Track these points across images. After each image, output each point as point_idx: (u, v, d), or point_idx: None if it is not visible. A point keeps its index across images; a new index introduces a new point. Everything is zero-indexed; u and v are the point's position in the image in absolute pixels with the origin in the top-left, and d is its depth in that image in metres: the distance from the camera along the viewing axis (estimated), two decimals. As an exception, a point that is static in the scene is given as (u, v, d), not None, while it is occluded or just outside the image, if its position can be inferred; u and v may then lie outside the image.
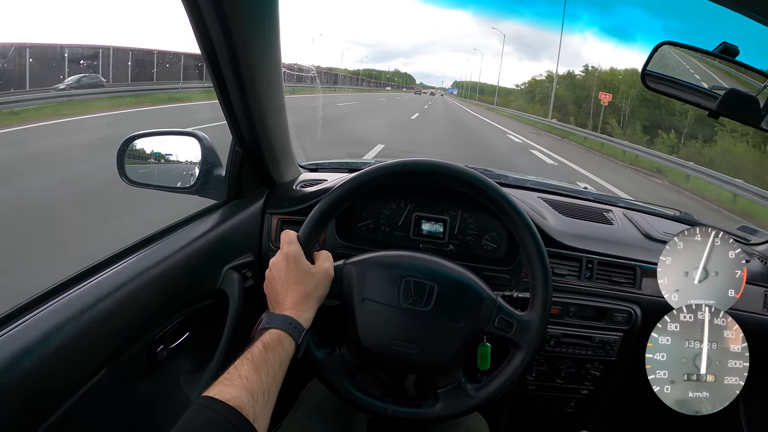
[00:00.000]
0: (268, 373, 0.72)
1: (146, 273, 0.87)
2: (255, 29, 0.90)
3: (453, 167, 0.95)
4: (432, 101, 39.66)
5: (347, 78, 49.54)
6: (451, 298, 0.92)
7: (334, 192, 0.94)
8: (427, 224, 1.23)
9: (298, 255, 0.87)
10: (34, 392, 0.66)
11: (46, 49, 8.39)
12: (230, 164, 1.13)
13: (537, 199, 1.38)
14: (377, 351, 0.93)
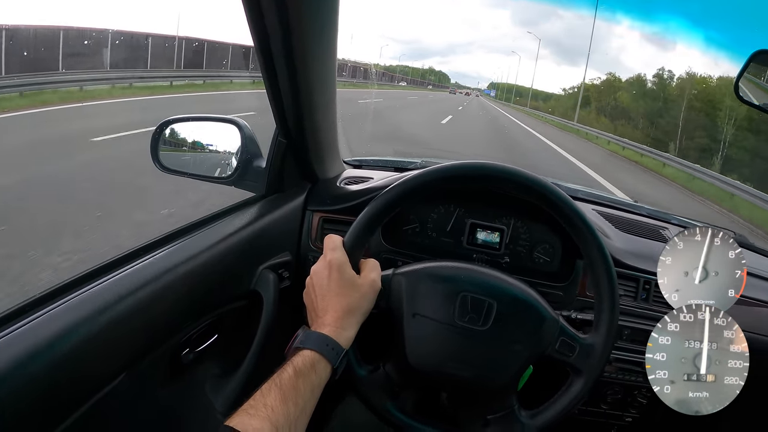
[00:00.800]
0: (297, 404, 0.66)
1: (174, 270, 0.80)
2: (313, 19, 0.85)
3: (522, 174, 0.87)
4: (467, 102, 38.21)
5: (379, 74, 47.49)
6: (511, 318, 0.84)
7: (387, 195, 0.86)
8: (483, 233, 1.14)
9: (343, 263, 0.80)
10: (40, 398, 0.59)
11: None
12: (272, 155, 1.06)
13: (592, 211, 1.29)
14: (426, 371, 0.85)
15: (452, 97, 44.86)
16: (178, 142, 1.11)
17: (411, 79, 67.86)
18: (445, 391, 0.95)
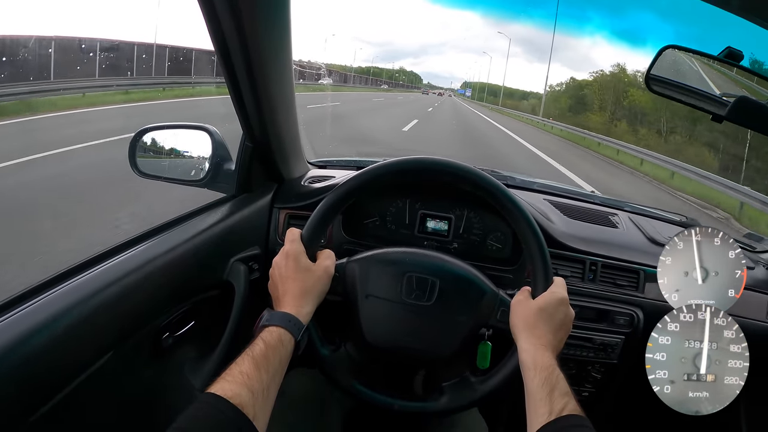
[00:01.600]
0: (269, 371, 0.73)
1: (154, 261, 0.89)
2: (267, 25, 0.92)
3: (457, 165, 0.96)
4: (439, 103, 35.63)
5: (337, 75, 42.29)
6: (454, 293, 0.93)
7: (337, 190, 0.95)
8: (432, 222, 1.24)
9: (299, 253, 0.89)
10: (37, 374, 0.68)
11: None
12: (240, 159, 1.15)
13: (543, 201, 1.38)
14: (382, 347, 0.94)
15: (423, 98, 41.64)
16: (154, 148, 1.18)
17: (382, 80, 63.06)
18: (401, 363, 1.03)
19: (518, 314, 0.89)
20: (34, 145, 5.26)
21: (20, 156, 4.83)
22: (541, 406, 0.73)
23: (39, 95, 7.87)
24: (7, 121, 6.80)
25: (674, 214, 1.49)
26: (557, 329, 0.86)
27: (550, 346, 0.83)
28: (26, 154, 4.87)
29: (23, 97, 7.53)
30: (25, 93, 7.59)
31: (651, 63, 1.01)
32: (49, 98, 8.04)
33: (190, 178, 1.18)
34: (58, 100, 8.27)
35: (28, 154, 4.88)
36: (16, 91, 7.46)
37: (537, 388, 0.76)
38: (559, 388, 0.75)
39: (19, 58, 7.25)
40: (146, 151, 1.18)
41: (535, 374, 0.77)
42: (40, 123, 7.01)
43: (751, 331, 0.94)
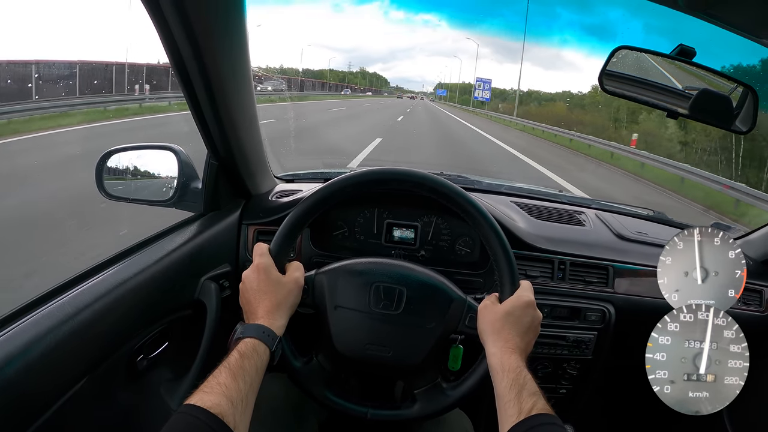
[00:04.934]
0: (246, 381, 0.74)
1: (124, 284, 0.89)
2: (222, 40, 0.92)
3: (415, 174, 0.98)
4: (411, 108, 30.53)
5: (284, 81, 34.21)
6: (421, 301, 0.95)
7: (302, 204, 0.96)
8: (399, 231, 1.26)
9: (269, 266, 0.90)
10: (15, 400, 0.68)
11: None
12: (206, 177, 1.15)
13: (509, 203, 1.41)
14: (352, 356, 0.95)
15: (393, 104, 35.94)
16: (121, 169, 1.18)
17: (345, 86, 56.25)
18: (372, 372, 1.04)
19: (485, 319, 0.90)
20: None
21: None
22: (510, 407, 0.75)
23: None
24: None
25: (642, 209, 1.52)
26: (524, 332, 0.88)
27: (518, 349, 0.85)
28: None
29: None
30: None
31: (604, 63, 1.02)
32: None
33: (158, 198, 1.18)
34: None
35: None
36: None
37: (505, 390, 0.77)
38: (527, 388, 0.77)
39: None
40: (113, 173, 1.17)
41: (503, 377, 0.79)
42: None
43: None
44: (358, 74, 63.70)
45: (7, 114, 7.45)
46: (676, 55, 1.00)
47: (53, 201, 4.26)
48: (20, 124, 7.38)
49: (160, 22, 0.84)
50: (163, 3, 0.80)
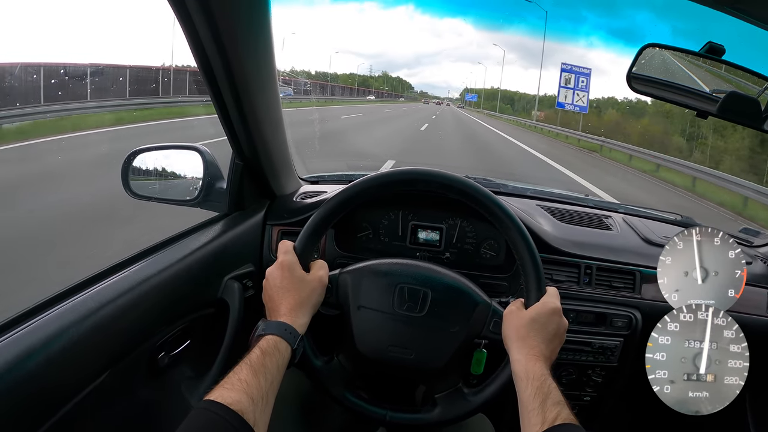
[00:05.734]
0: (267, 378, 0.74)
1: (148, 281, 0.90)
2: (249, 44, 0.93)
3: (443, 175, 0.97)
4: (437, 114, 27.70)
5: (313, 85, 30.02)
6: (445, 304, 0.94)
7: (328, 203, 0.96)
8: (424, 233, 1.25)
9: (293, 264, 0.90)
10: (36, 393, 0.69)
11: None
12: (231, 177, 1.16)
13: (536, 207, 1.39)
14: (373, 357, 0.95)
15: (415, 111, 32.11)
16: (146, 169, 1.19)
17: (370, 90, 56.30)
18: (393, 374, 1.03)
19: (510, 325, 0.89)
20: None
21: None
22: (533, 416, 0.73)
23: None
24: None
25: (669, 213, 1.49)
26: (550, 339, 0.86)
27: (543, 356, 0.83)
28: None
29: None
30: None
31: (632, 62, 1.02)
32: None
33: (182, 197, 1.19)
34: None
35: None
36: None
37: (529, 398, 0.76)
38: (552, 397, 0.75)
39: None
40: (138, 173, 1.18)
41: (527, 385, 0.78)
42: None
43: (751, 327, 0.94)
44: (380, 78, 60.49)
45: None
46: (705, 53, 0.98)
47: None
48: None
49: (186, 22, 0.85)
50: (189, 3, 0.81)
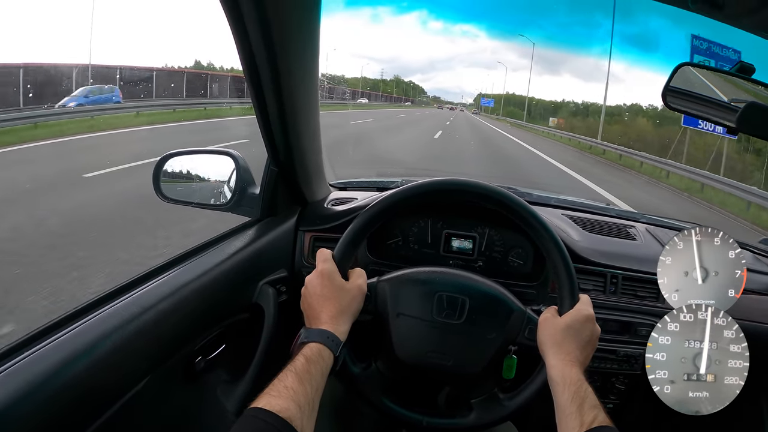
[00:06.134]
0: (312, 385, 0.74)
1: (187, 286, 0.91)
2: (297, 49, 0.94)
3: (483, 186, 0.99)
4: (451, 119, 27.43)
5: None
6: (483, 311, 0.95)
7: (368, 212, 0.97)
8: (457, 241, 1.25)
9: (333, 272, 0.90)
10: (81, 397, 0.70)
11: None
12: (265, 183, 1.16)
13: (561, 216, 1.40)
14: (412, 363, 0.95)
15: (431, 115, 31.55)
16: (178, 173, 1.20)
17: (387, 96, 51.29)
18: (431, 380, 1.04)
19: (546, 331, 0.90)
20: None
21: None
22: (571, 420, 0.74)
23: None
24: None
25: (689, 223, 1.50)
26: (584, 346, 0.87)
27: (578, 362, 0.84)
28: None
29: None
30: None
31: (668, 79, 1.03)
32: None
33: (214, 202, 1.20)
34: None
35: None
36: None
37: (567, 402, 0.77)
38: (589, 401, 0.76)
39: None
40: (170, 177, 1.19)
41: (565, 389, 0.79)
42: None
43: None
44: (390, 82, 58.66)
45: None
46: (737, 72, 1.00)
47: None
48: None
49: (238, 26, 0.85)
50: (244, 7, 0.81)
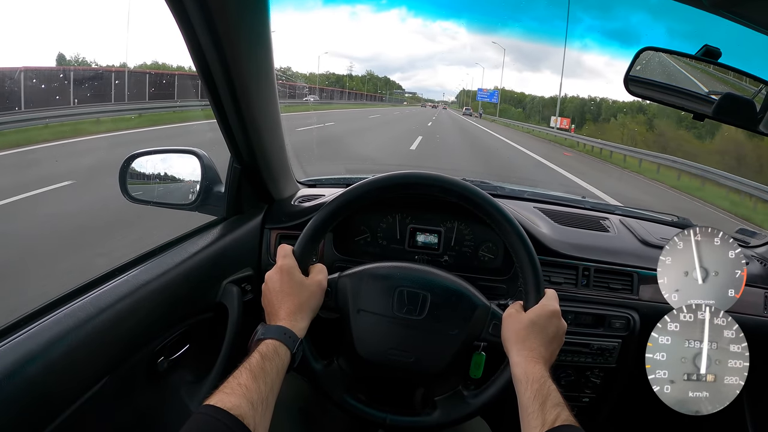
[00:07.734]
0: (266, 383, 0.73)
1: (147, 286, 0.90)
2: (249, 48, 0.93)
3: (443, 179, 0.97)
4: (433, 120, 25.73)
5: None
6: (445, 307, 0.94)
7: (327, 207, 0.96)
8: (422, 236, 1.25)
9: (292, 268, 0.90)
10: (36, 399, 0.69)
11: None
12: (229, 181, 1.15)
13: (533, 209, 1.39)
14: (373, 360, 0.95)
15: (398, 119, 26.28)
16: (144, 173, 1.19)
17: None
18: (393, 377, 1.03)
19: (510, 327, 0.89)
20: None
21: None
22: (533, 419, 0.73)
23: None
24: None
25: (666, 215, 1.49)
26: (549, 342, 0.86)
27: (542, 358, 0.83)
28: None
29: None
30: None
31: (629, 65, 1.02)
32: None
33: (180, 201, 1.19)
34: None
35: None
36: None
37: (529, 400, 0.76)
38: (551, 399, 0.75)
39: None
40: (136, 177, 1.18)
41: (527, 387, 0.78)
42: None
43: (749, 327, 0.94)
44: (356, 77, 54.41)
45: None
46: (702, 56, 0.99)
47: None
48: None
49: (185, 24, 0.84)
50: (188, 5, 0.80)
